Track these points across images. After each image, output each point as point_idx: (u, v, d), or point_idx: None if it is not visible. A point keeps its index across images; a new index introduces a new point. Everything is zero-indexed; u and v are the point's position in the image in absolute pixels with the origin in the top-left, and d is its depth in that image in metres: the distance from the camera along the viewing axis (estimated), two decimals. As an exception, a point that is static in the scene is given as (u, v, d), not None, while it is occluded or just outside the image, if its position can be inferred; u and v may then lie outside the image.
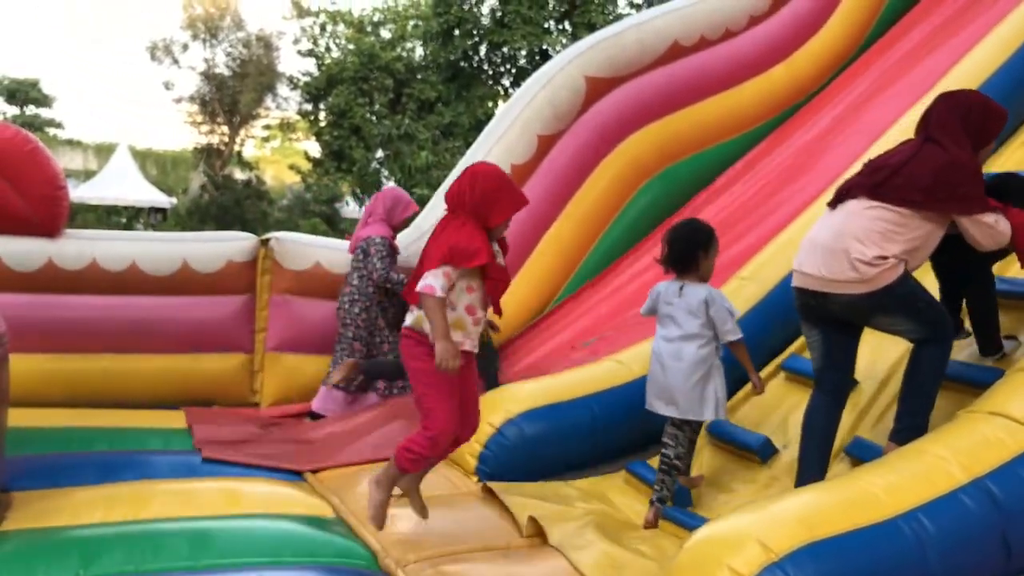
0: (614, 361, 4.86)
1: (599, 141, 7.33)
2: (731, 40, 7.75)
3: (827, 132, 6.98)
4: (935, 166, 3.47)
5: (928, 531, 2.85)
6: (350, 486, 4.33)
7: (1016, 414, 3.13)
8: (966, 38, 6.50)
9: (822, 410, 3.74)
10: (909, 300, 3.51)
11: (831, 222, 3.65)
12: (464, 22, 20.02)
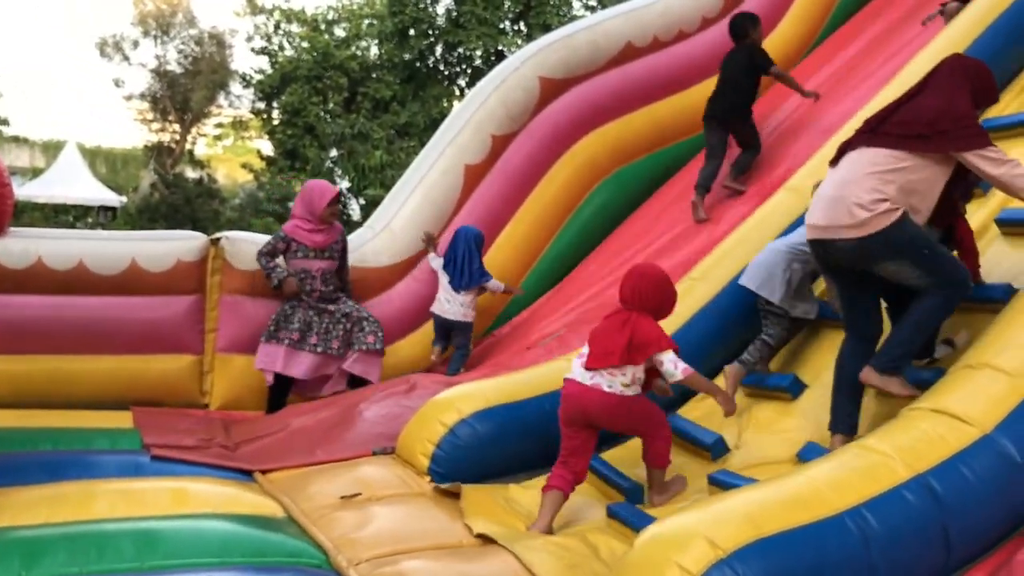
0: (568, 360, 4.86)
1: (553, 142, 7.37)
2: (684, 41, 7.82)
3: (780, 131, 7.06)
4: (938, 103, 3.59)
5: (872, 527, 2.90)
6: (301, 486, 4.30)
7: (957, 411, 3.20)
8: (916, 37, 6.64)
9: (850, 355, 3.85)
10: (909, 245, 3.55)
11: (835, 174, 3.76)
12: (419, 22, 19.96)
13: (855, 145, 3.75)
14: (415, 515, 3.88)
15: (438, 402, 4.60)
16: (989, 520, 3.11)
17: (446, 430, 4.41)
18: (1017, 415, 3.17)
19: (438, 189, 7.09)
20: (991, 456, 3.11)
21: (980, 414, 3.18)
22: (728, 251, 5.09)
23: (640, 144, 7.69)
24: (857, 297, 3.86)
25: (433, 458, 4.37)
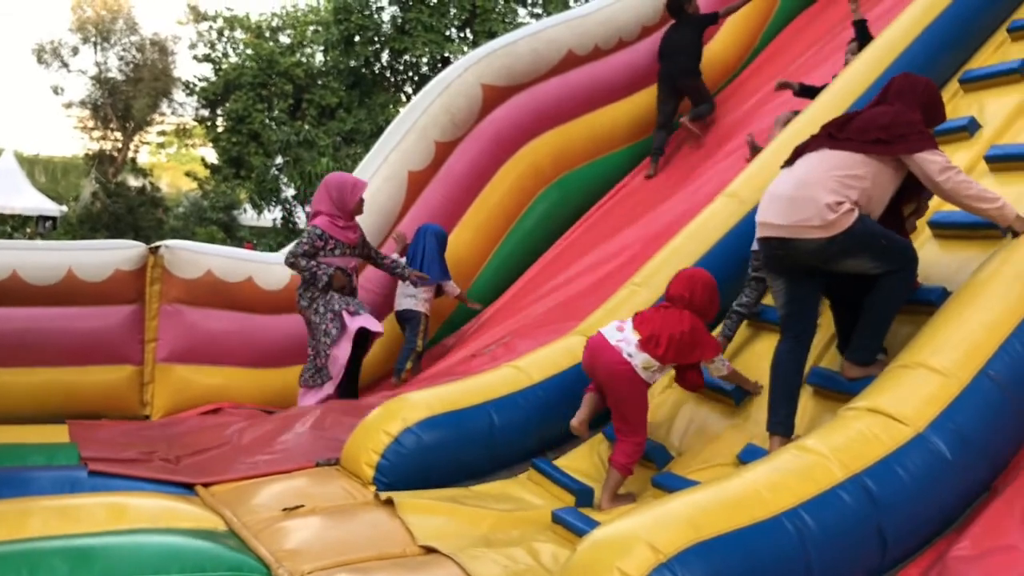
0: (513, 367, 4.87)
1: (497, 148, 7.39)
2: (625, 50, 7.90)
3: (720, 138, 7.17)
4: (893, 111, 3.75)
5: (809, 527, 2.94)
6: (243, 499, 4.24)
7: (891, 410, 3.26)
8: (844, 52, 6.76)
9: (787, 355, 3.94)
10: (870, 239, 3.69)
11: (792, 174, 3.83)
12: (365, 29, 19.86)
13: (814, 147, 3.84)
14: (358, 526, 3.84)
15: (382, 412, 4.57)
16: (922, 518, 3.17)
17: (391, 439, 4.37)
18: (949, 414, 3.23)
19: (382, 195, 7.06)
20: (924, 455, 3.16)
21: (914, 413, 3.23)
22: (667, 258, 5.13)
23: (582, 151, 7.76)
24: (803, 297, 3.94)
25: (378, 468, 4.33)
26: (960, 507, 3.25)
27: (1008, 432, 3.33)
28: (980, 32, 5.67)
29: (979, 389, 3.28)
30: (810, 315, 3.99)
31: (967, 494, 3.27)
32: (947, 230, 4.50)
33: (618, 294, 5.18)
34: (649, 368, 4.10)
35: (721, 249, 5.07)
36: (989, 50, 5.63)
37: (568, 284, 6.69)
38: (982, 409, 3.26)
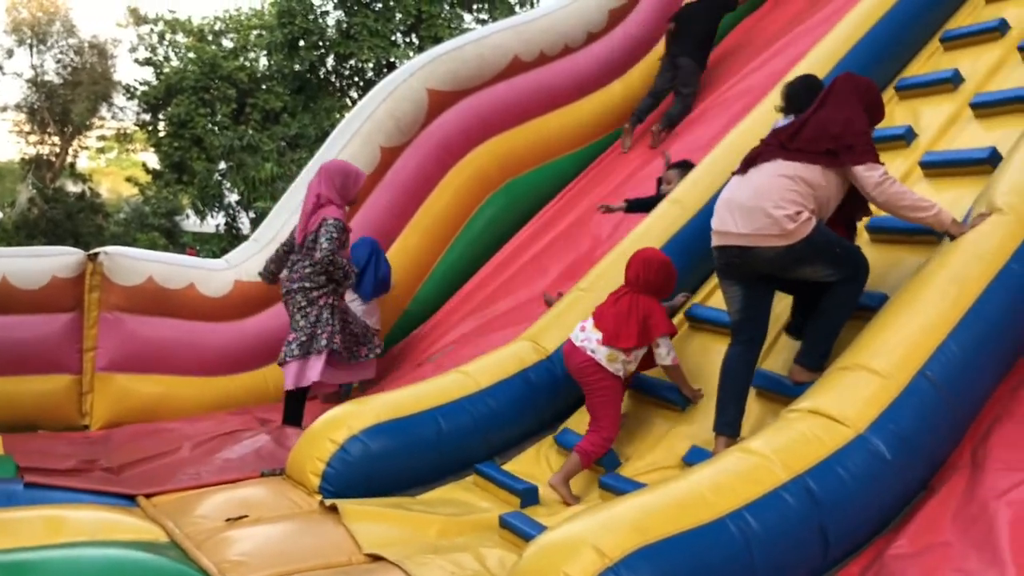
0: (460, 373, 4.86)
1: (443, 153, 7.37)
2: (570, 56, 7.93)
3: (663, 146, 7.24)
4: (842, 117, 3.81)
5: (753, 529, 2.98)
6: (186, 510, 4.17)
7: (832, 412, 3.32)
8: (787, 57, 6.89)
9: (738, 358, 4.02)
10: (826, 247, 3.79)
11: (747, 183, 3.89)
12: (309, 33, 19.69)
13: (767, 156, 3.90)
14: (303, 535, 3.80)
15: (328, 420, 4.53)
16: (863, 517, 3.23)
17: (336, 447, 4.33)
18: (888, 415, 3.30)
19: (327, 202, 6.98)
20: (864, 455, 3.22)
21: (854, 414, 3.29)
22: (613, 263, 5.16)
23: (529, 157, 7.77)
24: (757, 303, 4.02)
25: (324, 476, 4.29)
26: (898, 506, 3.32)
27: (944, 432, 3.41)
28: (914, 41, 5.81)
29: (917, 390, 3.35)
30: (763, 320, 4.08)
31: (905, 493, 3.33)
32: (885, 235, 4.59)
33: (565, 299, 5.21)
34: (615, 360, 4.28)
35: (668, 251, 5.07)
36: (923, 59, 5.77)
37: (515, 290, 6.70)
38: (920, 410, 3.34)
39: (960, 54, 5.58)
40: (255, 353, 6.54)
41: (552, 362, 4.83)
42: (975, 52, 5.50)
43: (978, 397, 3.53)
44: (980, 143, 4.75)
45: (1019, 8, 5.62)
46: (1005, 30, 5.46)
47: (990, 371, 3.57)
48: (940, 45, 5.77)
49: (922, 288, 3.61)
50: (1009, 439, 3.32)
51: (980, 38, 5.55)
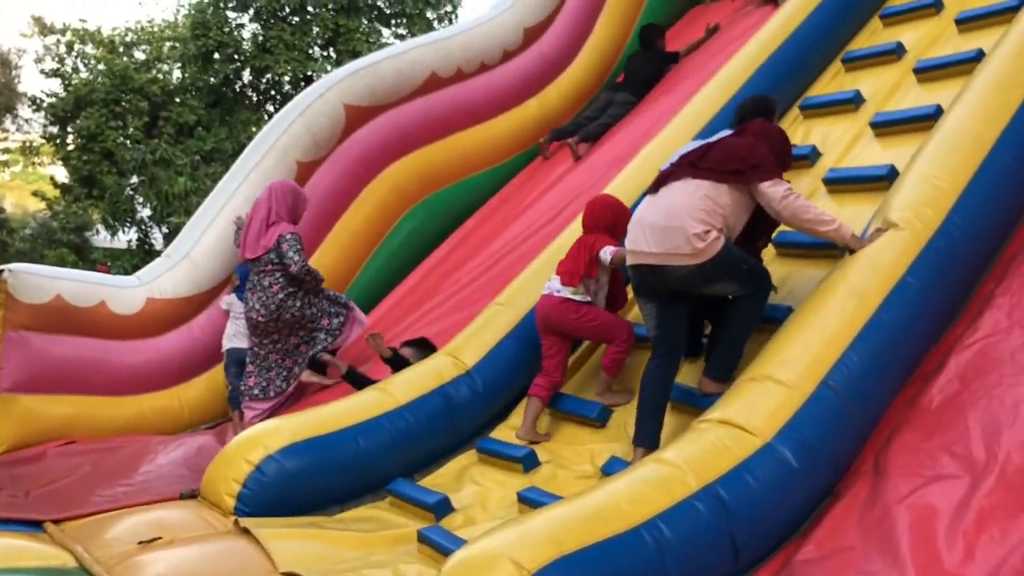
0: (379, 390, 4.85)
1: (360, 168, 7.35)
2: (487, 73, 7.98)
3: (580, 164, 7.35)
4: (748, 143, 3.99)
5: (666, 538, 3.05)
6: (97, 533, 4.08)
7: (741, 421, 3.41)
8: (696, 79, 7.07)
9: (656, 373, 4.12)
10: (734, 265, 3.94)
11: (659, 203, 4.01)
12: (224, 46, 19.38)
13: (677, 176, 4.02)
14: (218, 556, 3.75)
15: (244, 440, 4.47)
16: (772, 524, 3.33)
17: (252, 468, 4.28)
18: (794, 424, 3.41)
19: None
20: (772, 464, 3.33)
21: (762, 424, 3.40)
22: (530, 278, 5.23)
23: (447, 172, 7.79)
24: (672, 318, 4.13)
25: (239, 498, 4.23)
26: (806, 512, 3.43)
27: (847, 439, 3.54)
28: (817, 63, 6.03)
29: (821, 399, 3.47)
30: (679, 335, 4.19)
31: (812, 499, 3.44)
32: (790, 249, 4.75)
33: (483, 314, 5.24)
34: (578, 292, 4.68)
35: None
36: (826, 79, 6.00)
37: (433, 306, 6.71)
38: (824, 418, 3.46)
39: (861, 75, 5.81)
40: (169, 372, 6.41)
41: (472, 377, 4.86)
42: (875, 73, 5.74)
43: (879, 405, 3.67)
44: (879, 161, 4.95)
45: (914, 32, 5.89)
46: (902, 53, 5.71)
47: (889, 380, 3.72)
48: (842, 66, 6.00)
49: (824, 301, 3.75)
50: (909, 446, 3.46)
51: (879, 60, 5.80)
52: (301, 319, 6.06)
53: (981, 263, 4.09)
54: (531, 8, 8.27)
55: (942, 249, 3.86)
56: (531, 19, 8.26)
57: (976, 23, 5.54)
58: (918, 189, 4.01)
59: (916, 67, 5.46)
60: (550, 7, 8.39)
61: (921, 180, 4.04)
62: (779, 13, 6.33)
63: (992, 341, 3.68)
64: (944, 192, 3.98)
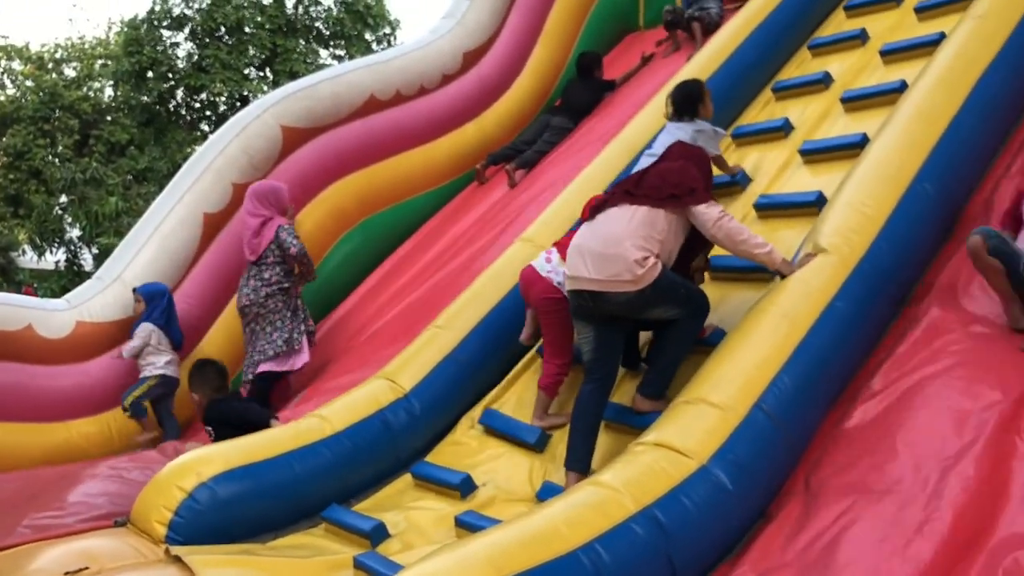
0: (315, 416, 4.80)
1: (297, 190, 7.29)
2: (426, 96, 8.02)
3: (517, 188, 7.41)
4: (680, 167, 4.10)
5: (604, 561, 3.07)
6: (20, 565, 3.99)
7: (677, 444, 3.46)
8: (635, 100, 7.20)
9: (590, 397, 4.14)
10: (672, 289, 4.01)
11: (598, 230, 4.07)
12: (158, 64, 19.13)
13: (614, 202, 4.09)
14: (149, 586, 3.67)
15: (176, 467, 4.38)
16: (708, 545, 3.38)
17: (185, 495, 4.19)
18: (728, 446, 3.47)
19: (175, 239, 6.81)
20: (707, 486, 3.37)
21: (697, 446, 3.45)
22: (468, 301, 5.24)
23: (386, 194, 7.79)
24: (609, 343, 4.18)
25: (171, 525, 4.14)
26: (740, 533, 3.48)
27: (780, 461, 3.61)
28: (748, 91, 6.19)
29: (754, 422, 3.54)
30: (615, 360, 4.26)
31: (746, 520, 3.50)
32: (724, 273, 4.84)
33: (420, 337, 5.22)
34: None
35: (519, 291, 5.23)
36: (757, 107, 6.15)
37: (372, 329, 6.68)
38: (757, 441, 3.52)
39: (790, 103, 5.97)
40: (99, 397, 6.27)
41: (409, 400, 4.84)
42: (804, 102, 5.90)
43: (810, 427, 3.76)
44: (808, 187, 5.08)
45: (841, 62, 6.07)
46: (829, 82, 5.89)
47: (820, 402, 3.81)
48: (772, 95, 6.16)
49: (756, 325, 3.83)
50: (838, 466, 3.54)
51: (807, 89, 5.96)
52: (277, 312, 6.29)
53: (906, 288, 4.22)
54: (470, 33, 8.34)
55: (869, 274, 3.97)
56: (470, 43, 8.32)
57: (899, 55, 5.74)
58: (846, 215, 4.12)
59: (843, 96, 5.62)
60: (490, 31, 8.47)
61: (848, 207, 4.16)
62: (712, 43, 6.49)
63: (916, 363, 3.79)
64: (871, 218, 4.10)
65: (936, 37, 5.54)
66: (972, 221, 4.39)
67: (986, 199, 4.50)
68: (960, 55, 4.79)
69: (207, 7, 18.89)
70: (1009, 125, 4.81)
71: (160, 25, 19.44)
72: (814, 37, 6.59)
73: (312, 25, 20.51)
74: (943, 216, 4.41)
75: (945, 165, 4.39)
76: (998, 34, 4.85)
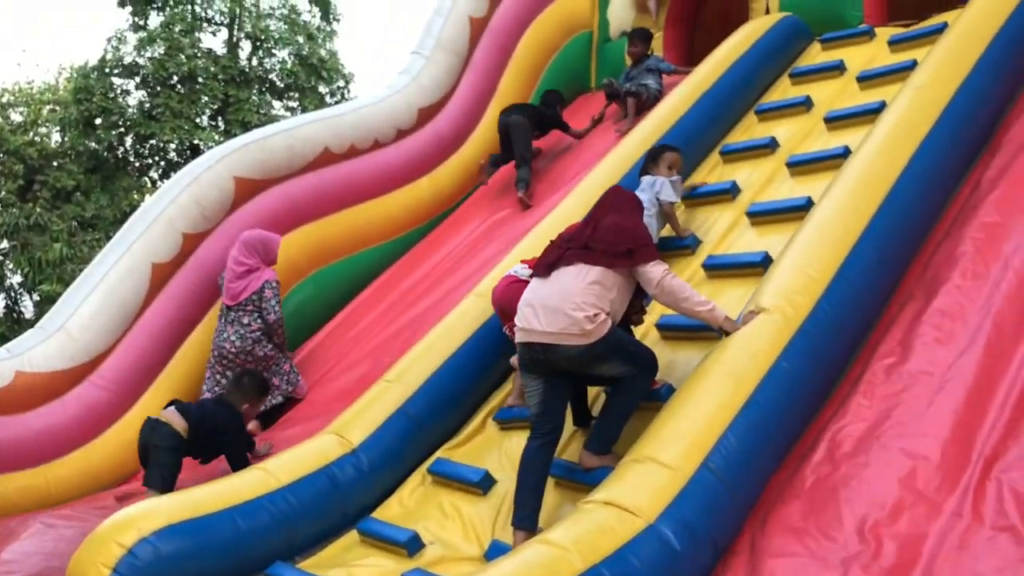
0: (260, 469, 4.72)
1: (249, 242, 7.26)
2: (381, 150, 8.07)
3: (470, 242, 7.46)
4: (631, 223, 4.23)
5: (552, 620, 3.06)
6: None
7: (625, 503, 3.47)
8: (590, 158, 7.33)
9: (536, 453, 4.14)
10: (621, 346, 4.08)
11: (550, 286, 4.13)
12: (108, 112, 18.97)
13: (569, 260, 4.15)
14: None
15: (115, 522, 4.25)
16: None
17: (125, 551, 4.05)
18: (676, 505, 3.48)
19: (122, 288, 6.70)
20: (655, 545, 3.38)
21: (645, 505, 3.46)
22: (420, 354, 5.23)
23: (339, 247, 7.78)
24: (556, 397, 4.22)
25: (110, 584, 4.03)
26: (687, 592, 3.49)
27: (727, 520, 3.64)
28: (696, 154, 6.36)
29: (701, 481, 3.56)
30: (561, 415, 4.28)
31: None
32: (671, 332, 4.91)
33: (370, 391, 5.19)
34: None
35: (472, 344, 5.26)
36: (706, 169, 6.31)
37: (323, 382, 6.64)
38: (704, 499, 3.55)
39: (738, 167, 6.13)
40: (39, 450, 6.09)
41: (358, 456, 4.79)
42: (751, 165, 6.07)
43: (756, 486, 3.80)
44: (755, 248, 5.20)
45: (786, 128, 6.26)
46: (775, 147, 6.06)
47: (766, 461, 3.85)
48: (720, 158, 6.31)
49: (702, 383, 3.88)
50: (784, 526, 3.58)
51: (755, 153, 6.13)
52: (267, 360, 6.53)
53: (849, 348, 4.31)
54: (426, 90, 8.44)
55: (813, 334, 4.06)
56: (425, 100, 8.41)
57: (843, 122, 5.94)
58: (790, 277, 4.23)
59: (789, 161, 5.79)
60: (445, 89, 8.57)
61: (793, 268, 4.27)
62: (660, 108, 6.67)
63: (859, 424, 3.87)
64: (815, 280, 4.20)
65: (877, 105, 5.75)
66: (913, 283, 4.52)
67: (926, 262, 4.64)
68: (900, 124, 4.97)
69: (160, 56, 18.83)
70: (948, 191, 4.98)
71: (111, 73, 19.34)
72: (761, 103, 6.79)
73: (266, 76, 20.54)
74: (885, 278, 4.53)
75: (887, 229, 4.53)
76: (936, 104, 5.06)
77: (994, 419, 3.65)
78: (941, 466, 3.54)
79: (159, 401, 6.57)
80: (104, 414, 6.32)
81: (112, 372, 6.49)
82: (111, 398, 6.40)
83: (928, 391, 3.87)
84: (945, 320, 4.18)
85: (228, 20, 20.42)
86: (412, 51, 8.68)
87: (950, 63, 5.31)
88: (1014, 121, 5.26)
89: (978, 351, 3.96)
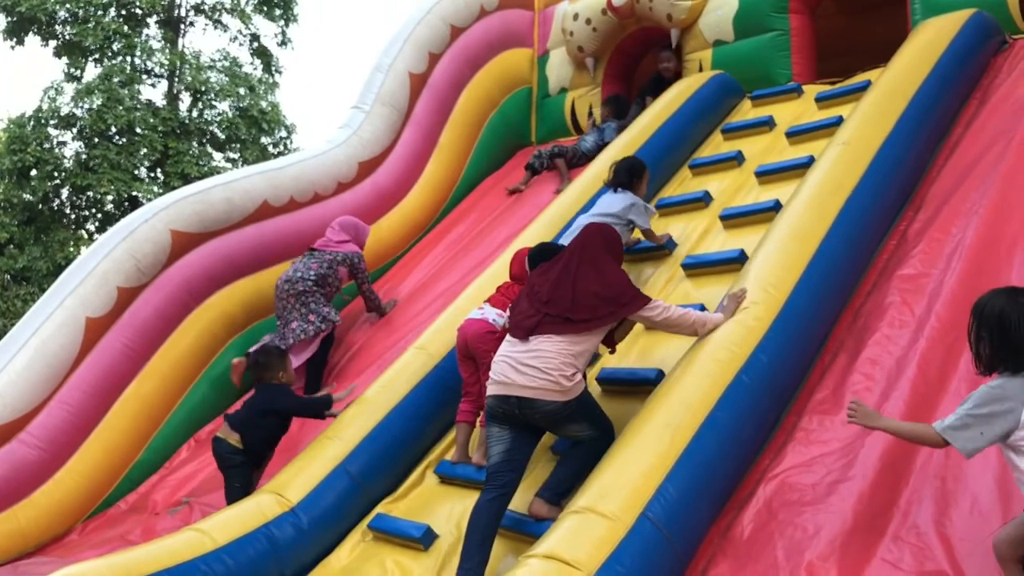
0: (195, 530, 4.62)
1: (186, 296, 7.19)
2: (320, 203, 8.06)
3: (409, 296, 7.48)
4: (615, 279, 4.24)
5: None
6: None
7: (566, 556, 3.45)
8: (525, 213, 7.42)
9: (489, 506, 4.13)
10: (590, 407, 4.21)
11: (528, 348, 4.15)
12: (44, 163, 18.69)
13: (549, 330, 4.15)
14: None
15: (43, 585, 4.15)
16: (595, 657, 3.36)
17: (50, 617, 3.97)
18: (616, 557, 3.48)
19: (54, 343, 6.56)
20: (596, 599, 3.38)
21: (585, 558, 3.44)
22: (360, 411, 5.20)
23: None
24: (519, 450, 4.25)
25: (37, 650, 3.90)
26: (626, 646, 3.47)
27: (666, 571, 3.64)
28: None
29: (640, 531, 3.57)
30: (521, 469, 4.29)
31: (633, 632, 3.50)
32: (610, 385, 4.97)
33: (309, 448, 5.15)
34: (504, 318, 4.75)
35: (413, 398, 5.28)
36: (676, 183, 6.53)
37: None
38: (644, 550, 3.55)
39: (673, 220, 6.33)
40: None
41: (296, 514, 4.72)
42: (686, 218, 6.28)
43: (696, 535, 3.81)
44: (691, 300, 5.32)
45: (719, 181, 6.48)
46: (708, 200, 6.23)
47: (705, 510, 3.87)
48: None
49: (640, 434, 3.91)
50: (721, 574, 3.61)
51: (690, 206, 6.31)
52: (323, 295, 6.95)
53: (784, 398, 4.38)
54: (365, 144, 8.48)
55: (747, 385, 4.12)
56: (366, 154, 8.45)
57: (773, 176, 6.12)
58: (727, 330, 4.30)
59: (722, 214, 5.93)
60: (385, 143, 8.62)
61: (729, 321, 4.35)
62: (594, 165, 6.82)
63: (795, 472, 3.93)
64: (751, 330, 4.28)
65: (806, 160, 5.93)
66: (843, 333, 4.63)
67: (855, 312, 4.76)
68: (828, 179, 5.13)
69: (97, 107, 18.63)
70: (874, 244, 5.13)
71: (47, 124, 19.07)
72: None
73: (207, 128, 20.42)
74: (818, 328, 4.63)
75: (818, 280, 4.64)
76: (862, 160, 5.23)
77: (922, 463, 3.74)
78: (873, 513, 3.61)
79: (92, 459, 6.45)
80: (33, 473, 6.14)
81: (41, 429, 6.32)
82: (40, 456, 6.23)
83: (860, 438, 3.95)
84: (876, 369, 4.29)
85: (168, 72, 20.34)
86: (352, 106, 8.74)
87: (874, 120, 5.51)
88: (936, 176, 5.46)
89: (904, 398, 4.06)
